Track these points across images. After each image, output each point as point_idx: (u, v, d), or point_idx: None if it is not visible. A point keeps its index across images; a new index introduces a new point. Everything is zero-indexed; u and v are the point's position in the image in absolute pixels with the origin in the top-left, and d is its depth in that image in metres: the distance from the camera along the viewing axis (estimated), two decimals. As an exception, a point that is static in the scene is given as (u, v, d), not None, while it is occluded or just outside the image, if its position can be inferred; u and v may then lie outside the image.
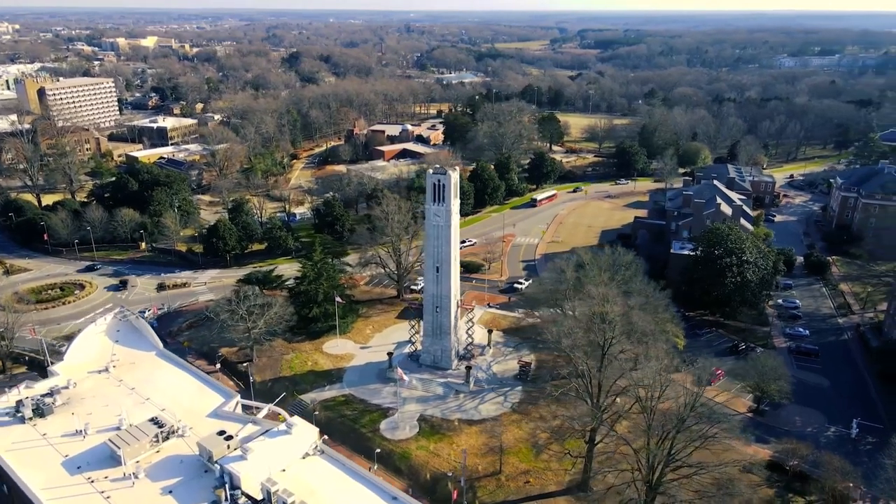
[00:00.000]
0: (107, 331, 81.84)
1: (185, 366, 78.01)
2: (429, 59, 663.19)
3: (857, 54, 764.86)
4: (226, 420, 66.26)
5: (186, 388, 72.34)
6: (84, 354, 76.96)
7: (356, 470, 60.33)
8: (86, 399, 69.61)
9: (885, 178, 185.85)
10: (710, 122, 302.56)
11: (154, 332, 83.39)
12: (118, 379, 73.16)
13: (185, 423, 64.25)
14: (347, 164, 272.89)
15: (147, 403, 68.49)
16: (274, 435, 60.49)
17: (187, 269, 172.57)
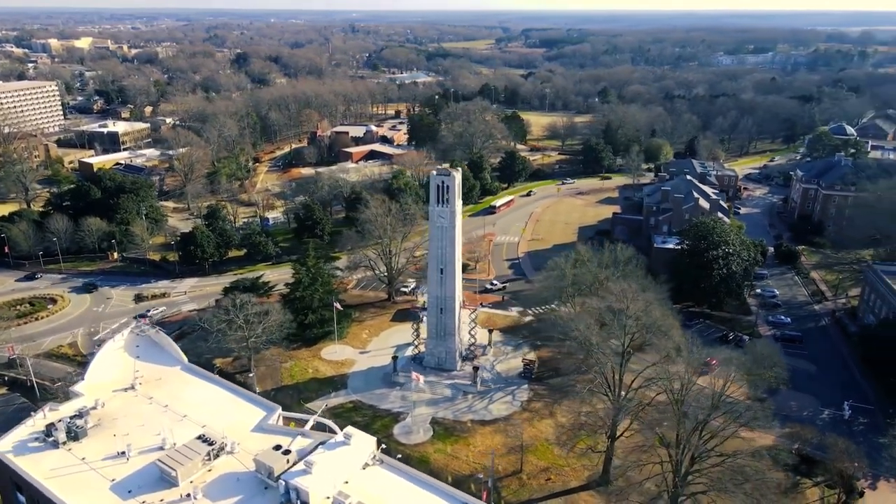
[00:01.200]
0: (126, 347, 78.18)
1: (215, 379, 75.34)
2: (379, 59, 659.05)
3: (789, 52, 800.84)
4: (273, 434, 64.36)
5: (222, 402, 69.85)
6: (106, 373, 73.31)
7: (419, 477, 59.57)
8: (118, 419, 66.35)
9: (843, 170, 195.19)
10: (666, 118, 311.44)
11: (176, 346, 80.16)
12: (147, 396, 70.02)
13: (231, 439, 62.01)
14: (313, 166, 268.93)
15: (185, 421, 65.82)
16: (332, 447, 59.06)
17: (163, 279, 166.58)
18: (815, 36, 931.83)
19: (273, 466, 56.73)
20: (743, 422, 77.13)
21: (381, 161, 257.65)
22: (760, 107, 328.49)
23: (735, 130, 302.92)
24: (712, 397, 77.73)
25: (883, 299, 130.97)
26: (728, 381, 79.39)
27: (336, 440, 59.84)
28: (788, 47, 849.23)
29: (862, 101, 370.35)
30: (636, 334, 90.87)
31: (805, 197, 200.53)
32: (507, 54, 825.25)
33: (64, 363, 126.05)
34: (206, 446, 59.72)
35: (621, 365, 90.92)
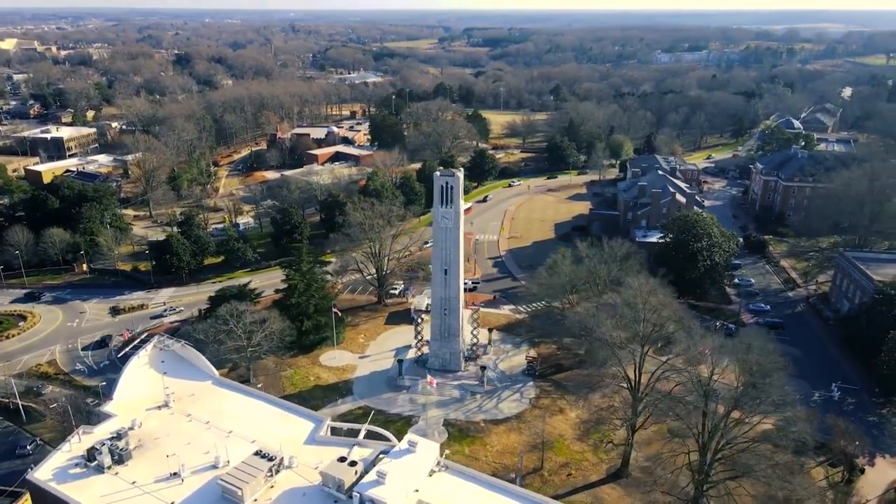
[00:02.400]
0: (151, 363, 74.59)
1: (252, 392, 72.77)
2: (325, 60, 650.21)
3: (722, 49, 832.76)
4: (328, 445, 62.70)
5: (266, 416, 67.58)
6: (134, 391, 69.82)
7: (486, 480, 59.23)
8: (160, 439, 63.34)
9: (800, 162, 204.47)
10: (622, 115, 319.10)
11: (205, 360, 77.05)
12: (185, 414, 67.08)
13: (286, 452, 60.18)
14: (276, 169, 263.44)
15: (232, 437, 63.37)
16: (398, 455, 57.97)
17: (138, 290, 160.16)
18: (743, 34, 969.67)
19: (343, 479, 55.31)
20: (769, 409, 79.51)
21: (348, 163, 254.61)
22: (708, 102, 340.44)
23: (687, 126, 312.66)
24: (739, 384, 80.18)
25: (857, 284, 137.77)
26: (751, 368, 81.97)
27: (400, 448, 58.81)
28: (720, 45, 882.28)
29: (800, 96, 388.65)
30: (655, 327, 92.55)
31: (766, 189, 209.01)
32: (452, 53, 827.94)
33: (46, 383, 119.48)
34: (267, 462, 57.71)
35: (642, 358, 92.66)
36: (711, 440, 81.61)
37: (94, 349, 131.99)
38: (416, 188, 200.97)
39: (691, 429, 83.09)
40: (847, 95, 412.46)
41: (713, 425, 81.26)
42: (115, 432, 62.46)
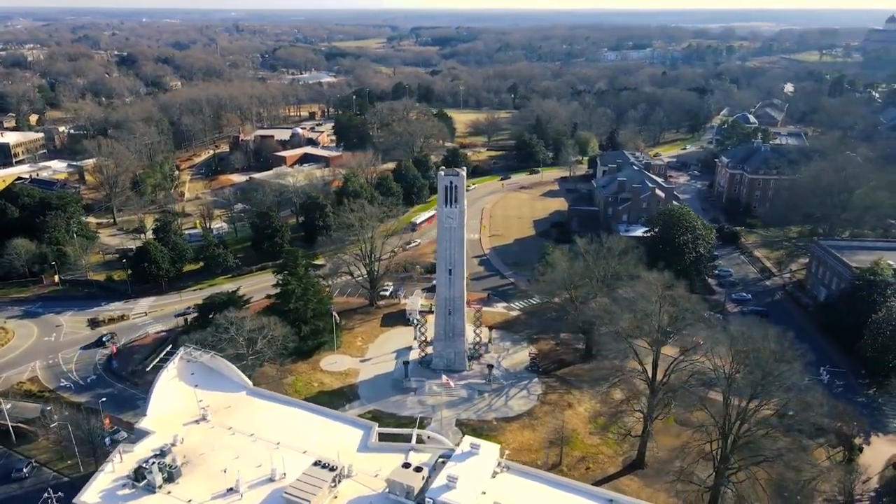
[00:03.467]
0: (180, 376, 71.52)
1: (289, 401, 70.73)
2: (275, 60, 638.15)
3: (666, 48, 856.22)
4: (382, 452, 61.56)
5: (311, 425, 65.77)
6: (168, 406, 66.85)
7: (550, 478, 59.22)
8: (206, 454, 60.86)
9: (764, 155, 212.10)
10: (582, 112, 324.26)
11: (237, 370, 74.39)
12: (225, 427, 64.64)
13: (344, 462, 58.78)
14: (241, 172, 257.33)
15: (282, 448, 61.41)
16: (461, 458, 57.30)
17: (116, 300, 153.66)
18: (683, 33, 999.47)
19: (412, 485, 54.37)
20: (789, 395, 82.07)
21: (317, 164, 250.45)
22: (664, 99, 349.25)
23: (646, 122, 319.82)
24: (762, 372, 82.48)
25: (833, 272, 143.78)
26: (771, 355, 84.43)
27: (462, 451, 58.21)
28: (663, 43, 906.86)
29: (746, 92, 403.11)
30: (671, 320, 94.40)
31: (732, 181, 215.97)
32: (403, 53, 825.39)
33: (31, 401, 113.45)
34: (329, 472, 56.16)
35: (658, 350, 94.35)
36: (733, 428, 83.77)
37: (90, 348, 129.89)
38: (393, 188, 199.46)
39: (714, 418, 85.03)
40: (789, 91, 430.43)
41: (735, 413, 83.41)
42: (158, 449, 59.81)
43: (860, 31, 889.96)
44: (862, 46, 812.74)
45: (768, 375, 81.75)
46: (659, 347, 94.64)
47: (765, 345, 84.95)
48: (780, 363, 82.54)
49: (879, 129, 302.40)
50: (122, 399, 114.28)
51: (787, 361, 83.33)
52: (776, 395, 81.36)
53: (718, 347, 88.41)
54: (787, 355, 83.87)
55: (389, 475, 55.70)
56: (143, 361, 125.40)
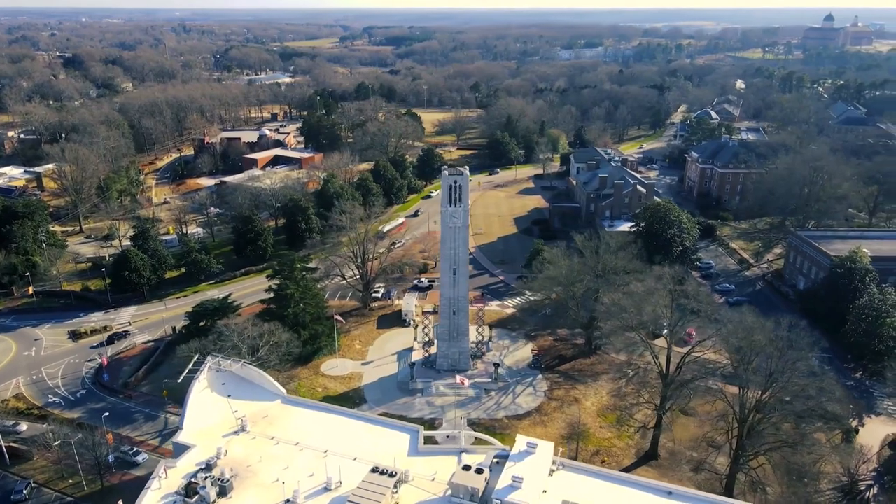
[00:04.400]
0: (211, 386, 69.08)
1: (326, 408, 69.10)
2: (229, 60, 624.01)
3: (617, 46, 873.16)
4: (434, 455, 60.88)
5: (354, 430, 64.48)
6: (204, 418, 64.49)
7: (605, 473, 59.59)
8: (252, 466, 59.00)
9: (732, 150, 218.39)
10: (547, 110, 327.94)
11: (269, 378, 72.29)
12: (268, 436, 62.81)
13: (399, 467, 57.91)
14: (209, 176, 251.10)
15: (331, 456, 60.03)
16: (520, 458, 57.08)
17: (95, 311, 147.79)
18: (633, 31, 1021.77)
19: (476, 487, 53.93)
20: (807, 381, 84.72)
21: (289, 166, 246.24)
22: (626, 96, 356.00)
23: (611, 119, 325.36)
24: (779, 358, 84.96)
25: (812, 261, 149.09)
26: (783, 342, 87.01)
27: (519, 450, 58.07)
28: (614, 42, 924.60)
29: (703, 89, 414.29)
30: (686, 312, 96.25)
31: (702, 176, 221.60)
32: (358, 52, 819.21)
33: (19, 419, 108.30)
34: (388, 478, 55.20)
35: (671, 343, 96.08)
36: (749, 416, 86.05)
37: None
38: (373, 188, 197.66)
39: (732, 407, 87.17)
40: (741, 87, 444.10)
41: (753, 401, 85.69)
42: (203, 463, 57.83)
43: (799, 30, 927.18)
44: (802, 44, 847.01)
45: (787, 363, 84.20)
46: (672, 340, 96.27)
47: (779, 334, 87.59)
48: (796, 351, 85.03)
49: (830, 122, 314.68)
50: (117, 413, 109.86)
51: (800, 349, 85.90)
52: (794, 381, 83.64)
53: (730, 339, 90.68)
54: (801, 343, 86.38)
55: (452, 478, 55.07)
56: (134, 373, 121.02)
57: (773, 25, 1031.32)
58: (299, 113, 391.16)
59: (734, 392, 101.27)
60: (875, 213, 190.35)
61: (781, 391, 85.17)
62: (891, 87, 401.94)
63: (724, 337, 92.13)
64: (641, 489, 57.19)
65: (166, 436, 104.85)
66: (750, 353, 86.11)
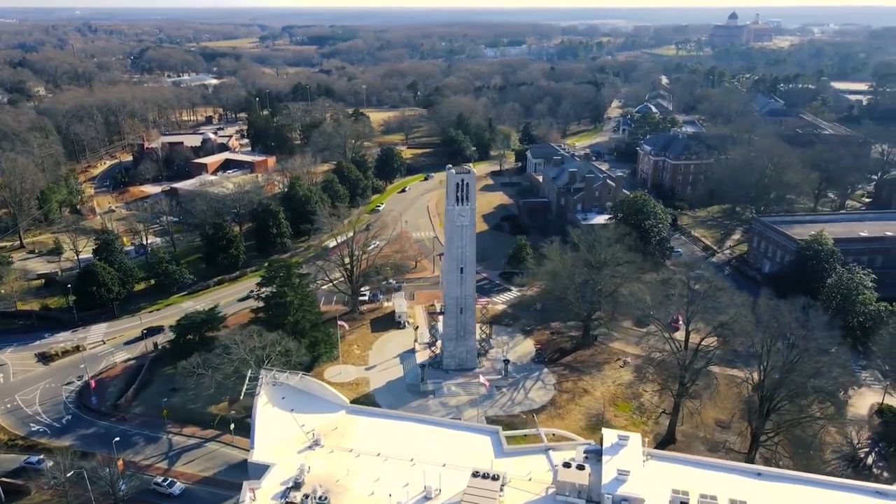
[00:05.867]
0: (273, 402, 65.44)
1: (390, 414, 67.21)
2: (148, 61, 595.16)
3: (540, 44, 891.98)
4: (522, 455, 60.29)
5: (431, 436, 62.90)
6: (272, 435, 61.23)
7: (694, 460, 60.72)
8: (340, 481, 56.42)
9: (683, 142, 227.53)
10: (491, 108, 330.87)
11: (330, 388, 69.26)
12: (345, 449, 60.22)
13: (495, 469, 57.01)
14: (154, 183, 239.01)
15: (419, 465, 58.30)
16: (614, 451, 57.22)
17: (61, 331, 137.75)
18: (552, 30, 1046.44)
19: (584, 483, 53.80)
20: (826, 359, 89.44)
21: (241, 170, 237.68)
22: (566, 92, 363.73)
23: (554, 114, 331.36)
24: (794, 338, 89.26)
25: (777, 245, 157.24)
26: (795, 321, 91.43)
27: (612, 443, 58.26)
28: (535, 40, 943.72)
29: (634, 84, 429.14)
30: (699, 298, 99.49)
31: (655, 168, 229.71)
32: (281, 52, 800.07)
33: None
34: (492, 481, 54.13)
35: (688, 331, 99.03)
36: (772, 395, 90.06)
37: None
38: (339, 190, 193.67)
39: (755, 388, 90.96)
40: (665, 83, 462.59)
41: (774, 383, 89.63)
42: (291, 481, 55.14)
43: (706, 28, 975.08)
44: (710, 41, 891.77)
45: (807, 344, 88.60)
46: (689, 327, 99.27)
47: (796, 317, 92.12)
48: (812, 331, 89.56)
49: (756, 115, 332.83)
50: (113, 437, 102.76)
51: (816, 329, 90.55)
52: (812, 359, 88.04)
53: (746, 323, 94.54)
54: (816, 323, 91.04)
55: (557, 476, 54.68)
56: (123, 394, 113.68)
57: (682, 23, 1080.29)
58: (235, 115, 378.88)
59: (738, 375, 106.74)
60: (818, 200, 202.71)
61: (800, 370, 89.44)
62: (802, 80, 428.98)
63: (743, 324, 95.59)
64: (729, 472, 58.75)
65: (173, 458, 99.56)
66: (775, 335, 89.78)
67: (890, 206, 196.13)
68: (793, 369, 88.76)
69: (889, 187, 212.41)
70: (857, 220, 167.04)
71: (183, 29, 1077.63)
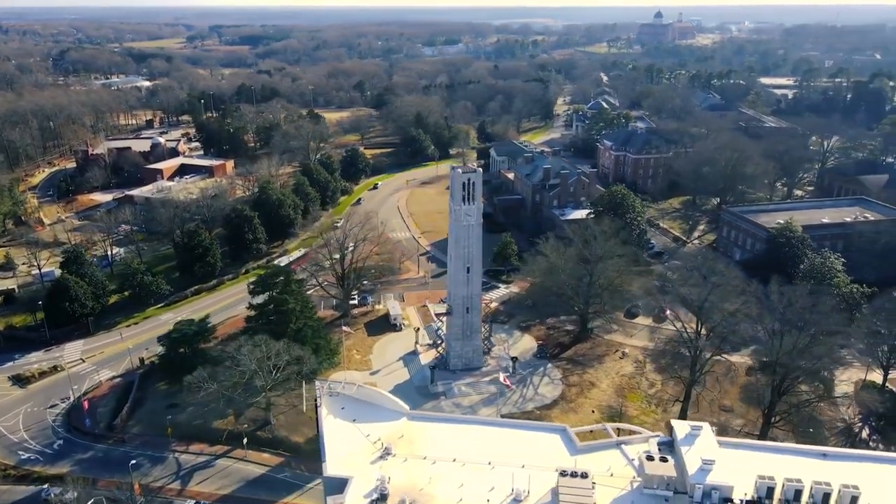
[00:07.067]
0: (334, 413, 62.87)
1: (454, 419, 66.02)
2: (72, 63, 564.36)
3: (476, 42, 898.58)
4: (596, 451, 60.24)
5: (500, 437, 62.04)
6: (340, 447, 58.91)
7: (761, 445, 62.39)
8: (424, 489, 54.71)
9: (643, 137, 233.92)
10: (444, 107, 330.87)
11: (389, 395, 67.21)
12: (419, 456, 58.63)
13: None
14: (102, 191, 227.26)
15: (498, 468, 57.37)
16: (689, 441, 58.04)
17: (33, 351, 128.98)
18: (487, 28, 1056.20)
19: (672, 475, 54.36)
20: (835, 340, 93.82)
21: (199, 175, 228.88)
22: (513, 90, 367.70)
23: (507, 112, 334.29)
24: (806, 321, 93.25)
25: (747, 233, 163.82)
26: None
27: (685, 434, 59.10)
28: (471, 38, 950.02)
29: (580, 81, 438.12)
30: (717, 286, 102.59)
31: (617, 163, 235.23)
32: (212, 53, 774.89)
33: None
34: (582, 479, 53.98)
35: (700, 320, 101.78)
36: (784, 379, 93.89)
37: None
38: (311, 193, 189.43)
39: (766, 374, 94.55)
40: (606, 80, 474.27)
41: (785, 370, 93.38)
42: (375, 493, 53.41)
43: (633, 26, 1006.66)
44: (638, 39, 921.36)
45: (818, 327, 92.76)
46: (701, 316, 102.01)
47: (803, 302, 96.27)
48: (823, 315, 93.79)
49: (697, 109, 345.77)
50: (114, 460, 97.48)
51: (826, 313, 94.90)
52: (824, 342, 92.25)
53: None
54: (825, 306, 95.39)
55: (646, 469, 54.99)
56: (117, 414, 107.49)
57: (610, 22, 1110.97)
58: (177, 118, 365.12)
59: (739, 360, 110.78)
60: (773, 190, 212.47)
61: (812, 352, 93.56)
62: (735, 76, 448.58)
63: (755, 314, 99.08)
64: (796, 454, 60.67)
65: (184, 477, 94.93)
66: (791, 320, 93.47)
67: (831, 194, 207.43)
68: (805, 352, 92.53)
69: (830, 176, 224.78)
70: (817, 208, 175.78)
71: (103, 29, 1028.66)
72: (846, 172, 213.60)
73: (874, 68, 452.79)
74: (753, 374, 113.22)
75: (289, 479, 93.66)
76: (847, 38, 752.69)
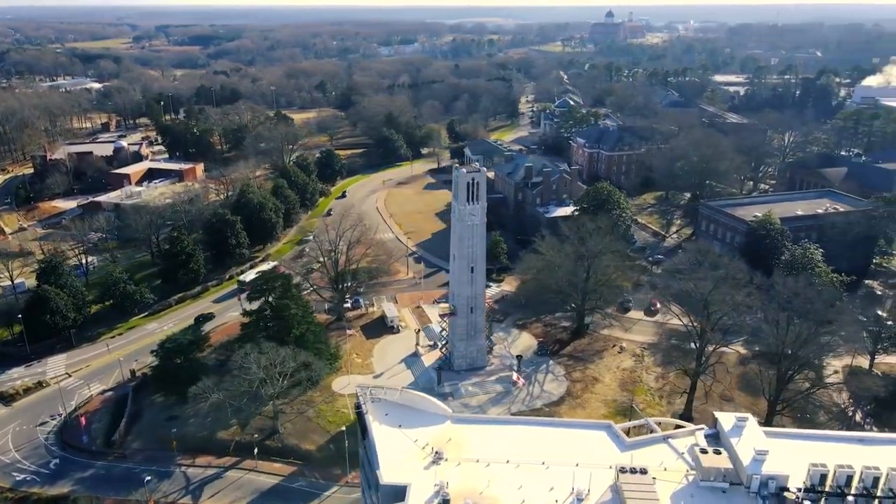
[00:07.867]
0: (380, 421, 61.16)
1: (504, 420, 65.82)
2: (14, 65, 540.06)
3: (432, 42, 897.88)
4: (644, 447, 60.45)
5: (548, 437, 61.73)
6: (394, 455, 57.40)
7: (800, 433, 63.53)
8: (484, 492, 53.87)
9: (615, 135, 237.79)
10: (411, 106, 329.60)
11: (430, 398, 66.05)
12: (471, 460, 57.63)
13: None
14: (64, 197, 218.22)
15: (553, 468, 56.99)
16: (737, 433, 58.92)
17: (12, 367, 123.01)
18: (441, 28, 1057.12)
19: (728, 467, 55.08)
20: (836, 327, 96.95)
21: (168, 179, 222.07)
22: (478, 89, 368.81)
23: (474, 111, 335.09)
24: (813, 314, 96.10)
25: (726, 226, 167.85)
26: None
27: (732, 426, 59.94)
28: (426, 38, 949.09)
29: (542, 81, 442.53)
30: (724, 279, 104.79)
31: (590, 160, 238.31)
32: (161, 53, 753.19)
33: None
34: (642, 475, 54.23)
35: (706, 311, 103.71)
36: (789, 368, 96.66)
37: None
38: (290, 196, 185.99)
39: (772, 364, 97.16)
40: (566, 79, 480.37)
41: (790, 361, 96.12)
42: (438, 498, 52.57)
43: (585, 25, 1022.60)
44: (591, 38, 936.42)
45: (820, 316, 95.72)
46: (705, 309, 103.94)
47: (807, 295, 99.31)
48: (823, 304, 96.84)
49: (659, 107, 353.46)
50: (118, 478, 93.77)
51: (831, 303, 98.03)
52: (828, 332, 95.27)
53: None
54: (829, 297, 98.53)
55: (701, 462, 55.53)
56: (115, 429, 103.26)
57: (562, 21, 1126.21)
58: (134, 121, 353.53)
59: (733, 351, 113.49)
60: (743, 184, 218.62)
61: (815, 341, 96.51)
62: (690, 74, 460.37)
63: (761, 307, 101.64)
64: (835, 441, 62.22)
65: (194, 492, 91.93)
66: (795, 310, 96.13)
67: (794, 187, 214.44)
68: (809, 341, 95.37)
69: (792, 170, 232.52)
70: (790, 201, 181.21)
71: (42, 29, 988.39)
72: (808, 166, 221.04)
73: (817, 65, 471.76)
74: (749, 364, 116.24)
75: (305, 487, 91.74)
76: (788, 36, 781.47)
